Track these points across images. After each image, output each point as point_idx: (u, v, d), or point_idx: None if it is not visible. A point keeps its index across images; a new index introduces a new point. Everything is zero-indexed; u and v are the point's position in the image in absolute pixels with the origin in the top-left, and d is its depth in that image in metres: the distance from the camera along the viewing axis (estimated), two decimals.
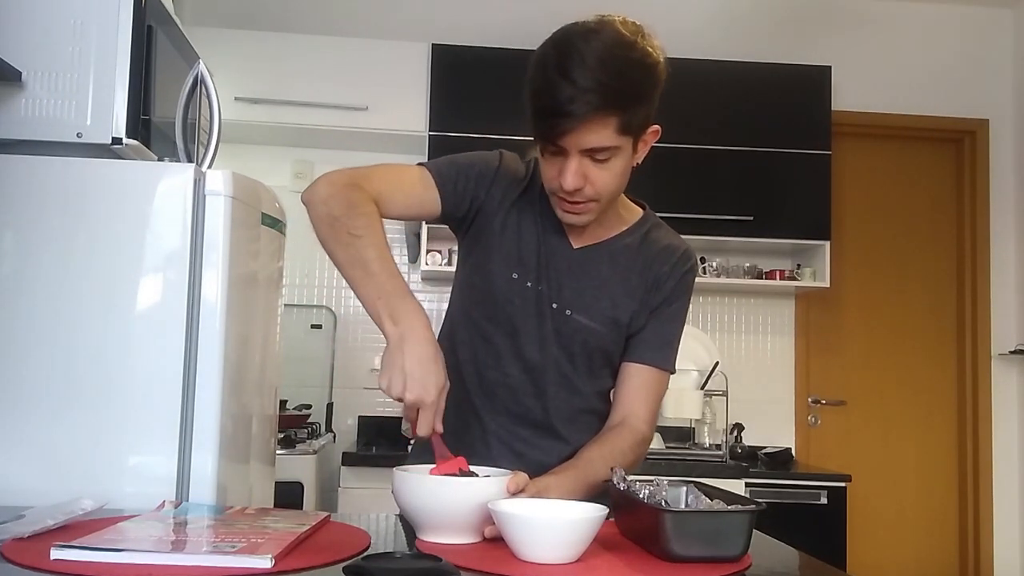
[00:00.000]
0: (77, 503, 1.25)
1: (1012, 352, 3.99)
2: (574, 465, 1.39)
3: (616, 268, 1.51)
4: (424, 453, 1.43)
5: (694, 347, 3.58)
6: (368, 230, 1.31)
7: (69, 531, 1.12)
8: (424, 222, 1.56)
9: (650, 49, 1.35)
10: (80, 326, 1.56)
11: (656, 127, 1.42)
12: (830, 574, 1.12)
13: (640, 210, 1.58)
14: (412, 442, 1.64)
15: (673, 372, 1.57)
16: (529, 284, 1.48)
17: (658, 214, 1.61)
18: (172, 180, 1.61)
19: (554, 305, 1.48)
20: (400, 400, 1.21)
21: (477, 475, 1.27)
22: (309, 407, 3.72)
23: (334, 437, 3.71)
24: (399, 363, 1.21)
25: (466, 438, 1.47)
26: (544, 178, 1.42)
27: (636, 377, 1.52)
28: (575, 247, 1.51)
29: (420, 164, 1.48)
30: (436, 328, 1.31)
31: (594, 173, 1.35)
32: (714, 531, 1.12)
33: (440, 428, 1.23)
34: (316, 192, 1.37)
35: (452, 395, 1.26)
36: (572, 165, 1.33)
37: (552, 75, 1.29)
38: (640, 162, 1.43)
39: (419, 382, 1.20)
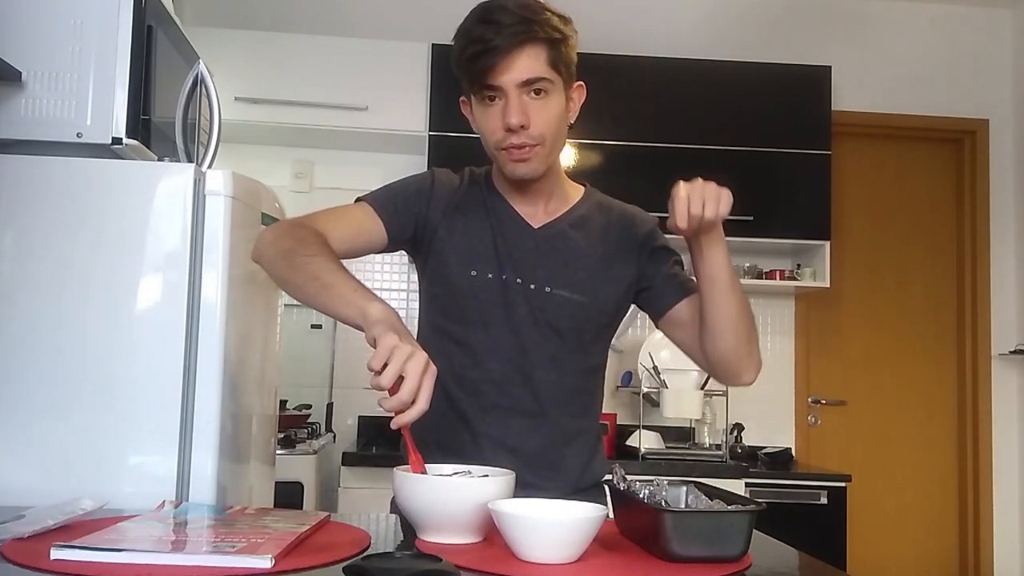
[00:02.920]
0: (77, 503, 1.25)
1: (1012, 352, 3.99)
2: None
3: (580, 238, 1.54)
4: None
5: None
6: (323, 252, 1.33)
7: (69, 531, 1.12)
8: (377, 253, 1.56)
9: (560, 10, 1.44)
10: (80, 326, 1.56)
11: (581, 83, 1.49)
12: (830, 574, 1.12)
13: (582, 187, 1.62)
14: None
15: None
16: (490, 276, 1.49)
17: (658, 214, 1.62)
18: (172, 180, 1.61)
19: (532, 287, 1.49)
20: (395, 384, 1.13)
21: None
22: (309, 407, 3.72)
23: (334, 437, 3.71)
24: (403, 331, 1.17)
25: (455, 445, 1.46)
26: (486, 133, 1.45)
27: (688, 307, 1.52)
28: (536, 227, 1.53)
29: (358, 199, 1.51)
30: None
31: (534, 111, 1.40)
32: (714, 531, 1.12)
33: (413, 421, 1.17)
34: (262, 241, 1.41)
35: (435, 406, 1.24)
36: (513, 101, 1.39)
37: (476, 26, 1.39)
38: (573, 122, 1.49)
39: (422, 349, 1.16)
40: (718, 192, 1.34)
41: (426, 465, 1.29)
